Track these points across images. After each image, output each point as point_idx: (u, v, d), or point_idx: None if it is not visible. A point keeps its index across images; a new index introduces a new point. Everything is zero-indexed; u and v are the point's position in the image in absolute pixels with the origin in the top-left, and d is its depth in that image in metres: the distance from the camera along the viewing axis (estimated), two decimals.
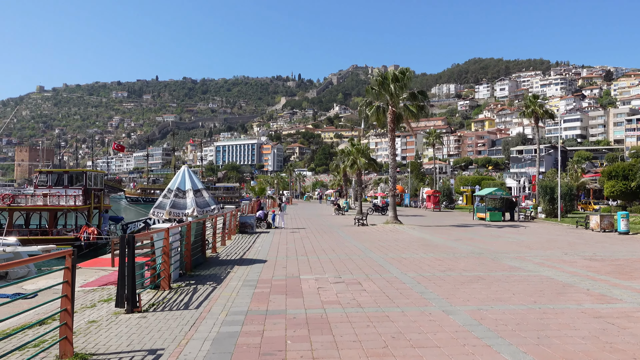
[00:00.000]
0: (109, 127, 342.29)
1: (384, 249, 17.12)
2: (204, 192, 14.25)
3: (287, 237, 21.76)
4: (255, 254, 15.88)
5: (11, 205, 28.46)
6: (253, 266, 13.28)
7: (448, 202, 61.95)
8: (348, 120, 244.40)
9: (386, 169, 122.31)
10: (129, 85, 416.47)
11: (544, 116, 46.91)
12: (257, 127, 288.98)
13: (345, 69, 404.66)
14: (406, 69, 29.32)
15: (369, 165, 44.40)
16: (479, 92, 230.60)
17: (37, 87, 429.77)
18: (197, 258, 13.84)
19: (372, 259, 14.66)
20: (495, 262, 14.02)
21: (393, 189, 31.01)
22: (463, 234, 23.73)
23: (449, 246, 18.22)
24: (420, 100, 30.13)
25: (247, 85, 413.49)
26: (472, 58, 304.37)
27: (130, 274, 8.23)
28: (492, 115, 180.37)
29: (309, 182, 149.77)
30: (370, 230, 25.69)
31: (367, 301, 8.88)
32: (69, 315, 5.94)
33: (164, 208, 13.58)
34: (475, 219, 36.83)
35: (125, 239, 8.30)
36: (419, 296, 9.30)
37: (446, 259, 14.54)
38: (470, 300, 8.97)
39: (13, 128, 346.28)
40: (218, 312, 8.12)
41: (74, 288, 6.10)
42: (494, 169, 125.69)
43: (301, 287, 10.23)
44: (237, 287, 10.34)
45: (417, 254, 15.89)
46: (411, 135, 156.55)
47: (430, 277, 11.35)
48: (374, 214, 43.67)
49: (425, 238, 21.59)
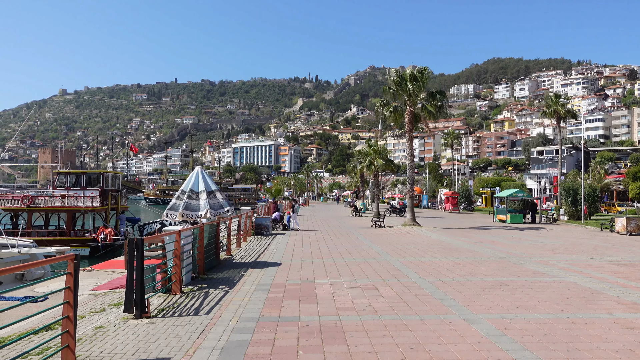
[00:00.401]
0: (129, 129, 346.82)
1: (402, 252, 16.69)
2: (218, 194, 14.01)
3: (302, 239, 21.44)
4: (269, 257, 15.59)
5: (30, 206, 28.70)
6: (267, 269, 12.98)
7: (467, 203, 61.00)
8: (365, 121, 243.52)
9: (404, 170, 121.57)
10: (148, 88, 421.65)
11: (566, 116, 45.83)
12: (274, 128, 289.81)
13: (363, 70, 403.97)
14: (424, 68, 28.79)
15: (387, 166, 43.88)
16: (498, 93, 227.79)
17: (60, 90, 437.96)
18: (211, 261, 13.60)
19: (389, 262, 14.25)
20: (518, 266, 13.50)
21: (411, 190, 30.49)
22: (483, 237, 23.14)
23: (469, 249, 17.71)
24: (439, 100, 29.54)
25: (265, 87, 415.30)
26: (491, 58, 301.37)
27: (139, 279, 7.99)
28: (512, 115, 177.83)
29: (326, 184, 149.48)
30: (388, 233, 25.24)
31: (383, 308, 8.50)
32: (70, 322, 5.69)
33: (177, 210, 13.37)
34: (496, 221, 36.06)
35: (133, 242, 8.06)
36: (439, 303, 8.88)
37: (466, 263, 14.05)
38: (493, 307, 8.52)
39: (36, 130, 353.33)
40: (229, 319, 7.83)
41: (77, 294, 5.85)
42: (513, 170, 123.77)
43: (315, 292, 9.89)
44: (250, 291, 10.05)
45: (436, 257, 15.43)
46: (429, 136, 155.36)
47: (450, 283, 10.91)
48: (392, 215, 43.13)
49: (445, 241, 21.07)
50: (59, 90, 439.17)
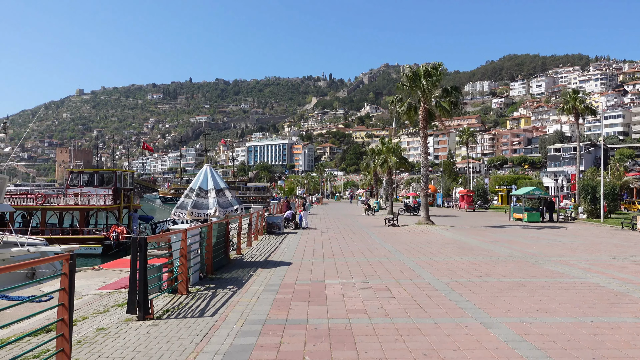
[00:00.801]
0: (144, 129, 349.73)
1: (416, 252, 16.28)
2: (227, 192, 13.74)
3: (314, 238, 21.13)
4: (280, 256, 15.30)
5: (44, 205, 28.82)
6: (277, 269, 12.69)
7: (482, 202, 60.16)
8: (379, 120, 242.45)
9: (418, 169, 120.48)
10: (163, 87, 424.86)
11: (585, 112, 44.84)
12: (288, 127, 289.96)
13: (377, 68, 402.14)
14: (438, 64, 28.25)
15: (400, 164, 43.38)
16: (514, 90, 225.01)
17: (77, 91, 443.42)
18: (220, 260, 13.35)
19: (402, 262, 13.87)
20: (536, 266, 13.02)
21: (425, 189, 29.98)
22: (500, 236, 22.60)
23: (485, 249, 17.23)
24: (454, 96, 28.97)
25: (279, 86, 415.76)
26: (507, 54, 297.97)
27: (142, 279, 7.74)
28: (528, 112, 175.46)
29: (340, 182, 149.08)
30: (401, 232, 24.81)
31: (396, 310, 8.14)
32: (65, 325, 5.42)
33: (185, 208, 13.13)
34: (512, 220, 35.37)
35: (136, 242, 7.81)
36: (454, 305, 8.49)
37: (482, 263, 13.61)
38: (512, 310, 8.11)
39: (54, 130, 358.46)
40: (234, 321, 7.54)
41: (73, 296, 5.59)
42: (530, 167, 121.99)
43: (325, 293, 9.56)
44: (258, 292, 9.76)
45: (451, 257, 15.00)
46: (444, 133, 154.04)
47: (466, 284, 10.50)
48: (406, 214, 42.61)
49: (460, 240, 20.59)
50: (76, 90, 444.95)
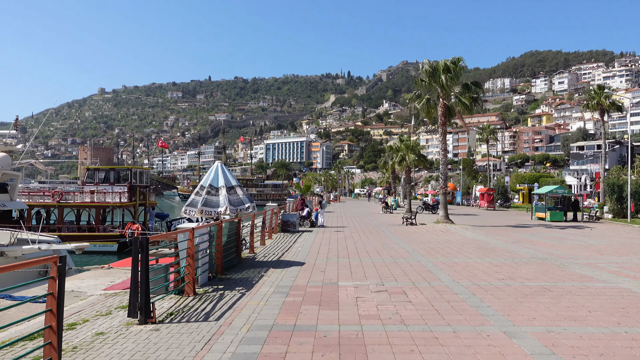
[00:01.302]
0: (164, 127, 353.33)
1: (434, 252, 15.70)
2: (238, 189, 13.34)
3: (330, 237, 20.67)
4: (293, 256, 14.87)
5: (60, 202, 28.92)
6: (289, 269, 12.26)
7: (503, 200, 59.03)
8: (398, 117, 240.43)
9: (437, 167, 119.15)
10: (183, 86, 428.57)
11: (611, 108, 43.41)
12: (306, 125, 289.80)
13: (395, 65, 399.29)
14: (458, 59, 27.46)
15: (419, 161, 42.67)
16: (536, 86, 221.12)
17: (99, 89, 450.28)
18: (231, 259, 12.98)
19: (420, 263, 13.31)
20: (562, 269, 12.34)
21: (444, 187, 29.27)
22: (522, 236, 21.83)
23: (507, 249, 16.55)
24: (474, 92, 28.19)
25: (297, 84, 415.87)
26: (529, 51, 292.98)
27: (143, 281, 7.37)
28: (550, 109, 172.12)
29: (358, 180, 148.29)
30: (419, 231, 24.19)
31: (412, 316, 7.63)
32: (54, 333, 5.05)
33: (196, 206, 12.77)
34: (534, 219, 34.42)
35: (137, 242, 7.43)
36: (474, 311, 7.94)
37: (504, 265, 12.97)
38: (537, 318, 7.53)
39: (77, 128, 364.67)
40: (240, 326, 7.12)
41: (63, 300, 5.21)
42: (552, 166, 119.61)
43: (338, 296, 9.09)
44: (268, 294, 9.33)
45: (471, 258, 14.38)
46: (463, 131, 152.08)
47: (487, 287, 9.91)
48: (424, 212, 41.87)
49: (480, 240, 19.91)
50: (98, 89, 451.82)
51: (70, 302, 9.41)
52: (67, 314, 8.18)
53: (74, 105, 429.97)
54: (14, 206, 19.39)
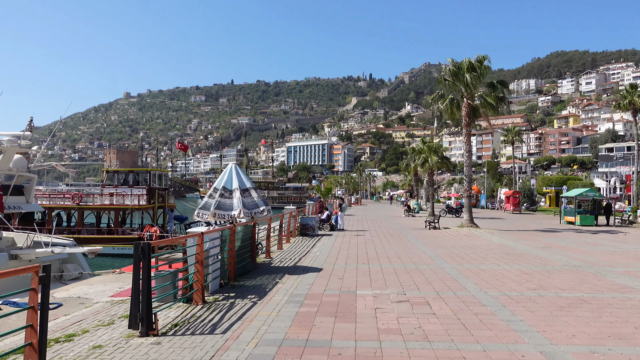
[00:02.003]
0: (188, 130, 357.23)
1: (459, 258, 14.91)
2: (253, 192, 12.81)
3: (349, 241, 20.01)
4: (311, 261, 14.27)
5: (80, 204, 28.94)
6: (305, 276, 11.67)
7: (529, 203, 57.49)
8: (420, 119, 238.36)
9: (460, 169, 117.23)
10: (206, 90, 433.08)
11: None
12: (328, 127, 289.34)
13: (418, 67, 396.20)
14: (483, 57, 26.53)
15: (442, 164, 41.67)
16: (562, 87, 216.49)
17: (124, 94, 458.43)
18: (245, 265, 12.45)
19: (444, 270, 12.57)
20: (598, 278, 11.46)
21: (468, 189, 28.30)
22: (551, 240, 20.81)
23: (536, 255, 15.65)
24: (500, 91, 27.20)
25: (319, 87, 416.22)
26: (555, 51, 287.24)
27: (145, 290, 6.85)
28: (577, 111, 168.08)
29: (380, 183, 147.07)
30: (443, 235, 23.34)
31: (436, 331, 6.95)
32: (34, 352, 4.54)
33: (208, 209, 12.28)
34: (563, 223, 33.17)
35: (139, 248, 6.92)
36: (505, 326, 7.21)
37: (535, 273, 12.14)
38: (577, 335, 6.76)
39: (103, 132, 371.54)
40: (247, 340, 6.54)
41: (46, 314, 4.71)
42: (579, 168, 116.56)
43: (355, 307, 8.45)
44: (281, 303, 8.74)
45: (499, 264, 13.56)
46: (487, 133, 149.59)
47: (518, 298, 9.14)
48: (447, 216, 40.85)
49: (507, 245, 19.00)
50: (123, 93, 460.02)
51: (74, 310, 9.01)
52: (68, 323, 7.75)
53: (100, 109, 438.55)
54: (29, 208, 19.30)
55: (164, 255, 11.72)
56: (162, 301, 8.72)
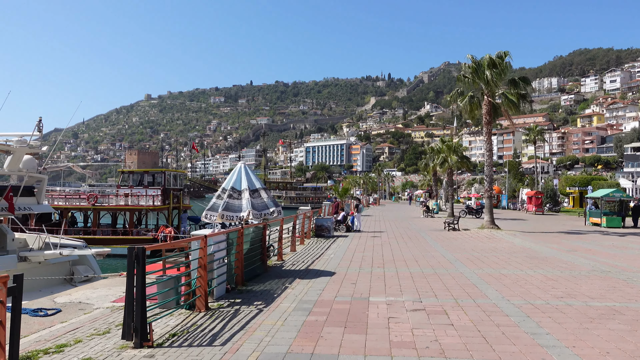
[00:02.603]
0: (207, 131, 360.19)
1: (479, 262, 14.21)
2: (263, 193, 12.35)
3: (365, 243, 19.43)
4: (324, 264, 13.74)
5: (95, 205, 28.90)
6: (317, 280, 11.15)
7: (552, 204, 55.99)
8: (440, 119, 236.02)
9: (480, 169, 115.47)
10: (225, 91, 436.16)
11: None
12: (346, 127, 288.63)
13: (437, 67, 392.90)
14: (504, 53, 25.66)
15: (461, 163, 40.73)
16: (586, 86, 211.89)
17: (145, 96, 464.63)
18: (254, 268, 11.96)
19: (463, 275, 11.91)
20: (631, 285, 10.68)
21: (489, 189, 27.45)
22: (577, 243, 19.91)
23: (562, 260, 14.85)
24: (522, 88, 26.29)
25: (337, 87, 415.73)
26: (577, 49, 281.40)
27: (139, 298, 6.40)
28: (601, 109, 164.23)
29: (399, 183, 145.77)
30: (462, 237, 22.57)
31: (454, 345, 6.35)
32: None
33: (216, 210, 11.86)
34: (588, 225, 32.01)
35: (133, 252, 6.47)
36: (531, 340, 6.58)
37: (561, 279, 11.40)
38: (612, 353, 6.09)
39: (125, 133, 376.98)
40: (247, 354, 6.04)
41: (17, 330, 4.26)
42: (604, 168, 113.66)
43: (367, 316, 7.89)
44: (288, 311, 8.24)
45: (522, 269, 12.84)
46: (508, 132, 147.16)
47: (544, 308, 8.47)
48: (467, 217, 39.91)
49: (530, 248, 18.19)
50: (144, 95, 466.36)
51: (72, 316, 8.65)
52: (62, 331, 7.36)
53: (122, 111, 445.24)
54: (40, 209, 19.17)
55: (171, 259, 11.33)
56: (163, 307, 8.30)
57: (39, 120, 16.44)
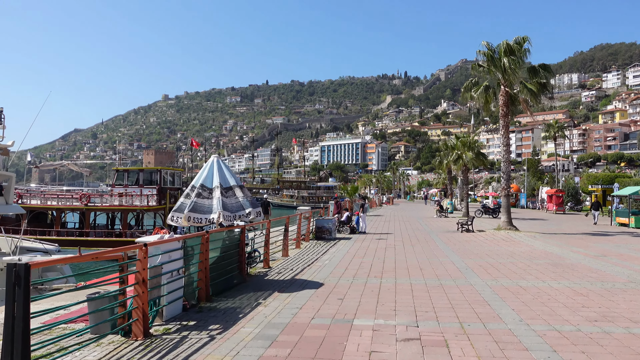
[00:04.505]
0: (223, 131, 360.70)
1: (493, 270, 12.31)
2: (238, 191, 10.64)
3: (368, 247, 17.62)
4: (314, 273, 11.98)
5: (87, 205, 27.55)
6: (298, 294, 9.40)
7: (574, 203, 53.46)
8: (457, 117, 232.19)
9: (498, 167, 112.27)
10: (241, 91, 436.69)
11: None
12: (362, 126, 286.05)
13: (454, 64, 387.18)
14: (523, 38, 23.56)
15: (477, 160, 38.55)
16: (608, 81, 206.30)
17: (163, 96, 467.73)
18: (229, 279, 10.27)
19: (474, 287, 10.04)
20: None
21: (507, 188, 25.38)
22: (606, 247, 17.82)
23: (590, 267, 12.86)
24: (542, 76, 24.15)
25: (353, 86, 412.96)
26: (599, 44, 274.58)
27: (19, 334, 4.72)
28: (624, 105, 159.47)
29: (414, 181, 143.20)
30: (477, 239, 20.60)
31: None
32: None
33: (182, 211, 10.20)
34: (615, 225, 29.73)
35: (13, 272, 4.79)
36: None
37: (592, 294, 9.46)
38: None
39: (142, 133, 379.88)
40: None
41: None
42: (627, 165, 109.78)
43: (344, 349, 6.11)
44: (246, 340, 6.50)
45: (544, 280, 10.92)
46: (527, 129, 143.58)
47: (574, 337, 6.58)
48: (484, 216, 37.79)
49: (553, 252, 16.18)
50: (162, 95, 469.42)
51: None
52: None
53: (139, 111, 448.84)
54: (8, 210, 17.76)
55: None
56: (95, 332, 6.69)
57: (1, 110, 14.92)
